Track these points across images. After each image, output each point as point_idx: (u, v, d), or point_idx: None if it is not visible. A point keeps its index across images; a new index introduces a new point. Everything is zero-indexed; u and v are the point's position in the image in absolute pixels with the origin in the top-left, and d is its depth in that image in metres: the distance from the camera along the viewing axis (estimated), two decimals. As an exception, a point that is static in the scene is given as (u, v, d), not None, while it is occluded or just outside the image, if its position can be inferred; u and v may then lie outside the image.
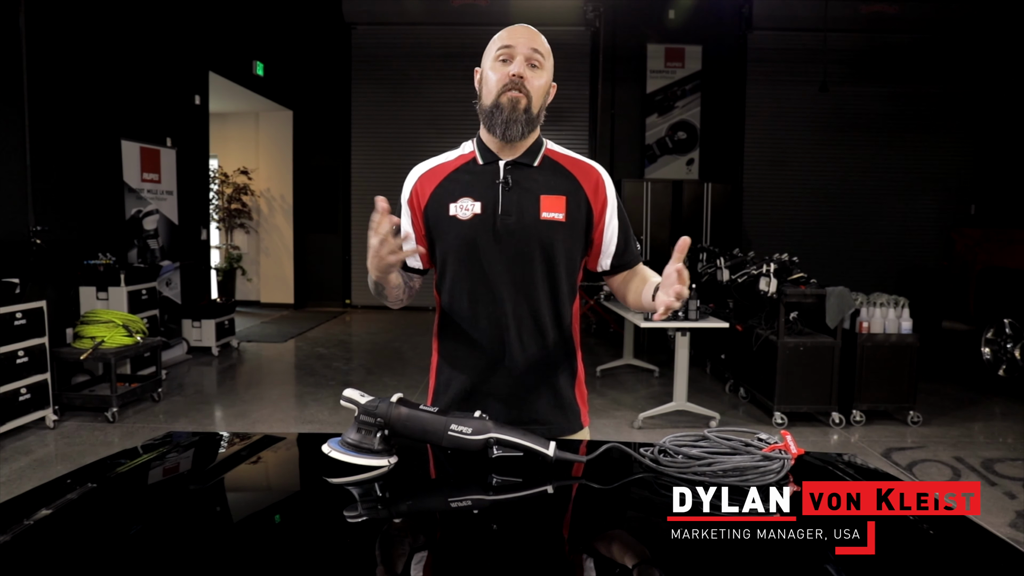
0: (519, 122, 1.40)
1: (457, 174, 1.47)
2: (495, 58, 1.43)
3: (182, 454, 1.28)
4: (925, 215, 9.89)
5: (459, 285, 1.46)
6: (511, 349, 1.45)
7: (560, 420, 1.50)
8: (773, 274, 4.74)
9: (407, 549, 0.88)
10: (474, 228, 1.42)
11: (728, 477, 1.04)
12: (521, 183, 1.44)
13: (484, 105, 1.44)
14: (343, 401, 1.15)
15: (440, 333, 1.54)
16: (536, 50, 1.41)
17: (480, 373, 1.47)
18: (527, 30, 1.44)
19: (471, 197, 1.44)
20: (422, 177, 1.50)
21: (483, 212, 1.43)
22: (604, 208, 1.49)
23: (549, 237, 1.43)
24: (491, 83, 1.42)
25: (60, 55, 4.89)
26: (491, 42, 1.46)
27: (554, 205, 1.43)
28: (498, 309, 1.44)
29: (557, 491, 1.07)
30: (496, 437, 1.11)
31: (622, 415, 4.84)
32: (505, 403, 1.46)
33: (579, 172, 1.48)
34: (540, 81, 1.42)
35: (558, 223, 1.43)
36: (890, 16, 9.42)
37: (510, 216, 1.42)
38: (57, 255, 4.77)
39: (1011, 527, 3.15)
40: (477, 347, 1.46)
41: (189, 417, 4.75)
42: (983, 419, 4.95)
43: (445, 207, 1.45)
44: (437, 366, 1.55)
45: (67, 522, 0.94)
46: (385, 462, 1.11)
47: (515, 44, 1.41)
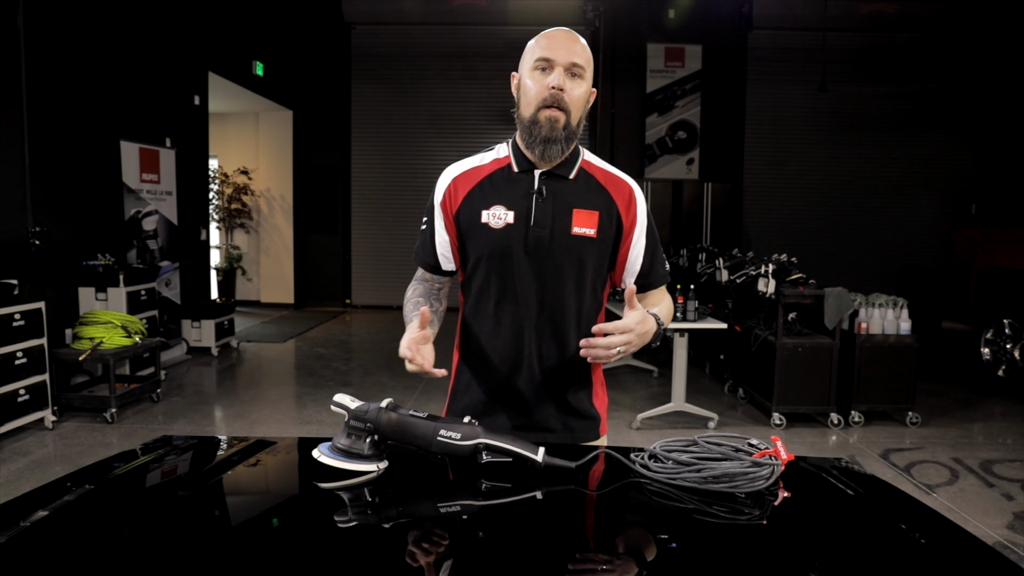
0: (558, 141, 1.37)
1: (491, 179, 1.45)
2: (533, 67, 1.37)
3: (177, 458, 1.28)
4: (925, 215, 9.88)
5: (486, 292, 1.46)
6: (532, 358, 1.45)
7: (577, 429, 1.50)
8: (772, 275, 4.74)
9: (397, 554, 0.88)
10: (505, 238, 1.41)
11: (717, 483, 1.04)
12: (556, 195, 1.42)
13: (523, 116, 1.40)
14: (333, 406, 1.15)
15: (462, 335, 1.54)
16: (576, 63, 1.36)
17: (500, 379, 1.47)
18: (567, 38, 1.38)
19: (504, 205, 1.42)
20: (456, 179, 1.48)
21: (515, 222, 1.41)
22: (633, 226, 1.46)
23: (579, 252, 1.42)
24: (530, 95, 1.37)
25: (59, 55, 4.89)
26: (529, 47, 1.41)
27: (587, 220, 1.42)
28: (522, 318, 1.43)
29: (546, 497, 1.07)
30: (485, 442, 1.11)
31: (620, 416, 4.84)
32: (522, 410, 1.47)
33: (613, 187, 1.46)
34: (580, 91, 1.38)
35: (589, 238, 1.42)
36: (890, 15, 9.41)
37: (542, 228, 1.40)
38: (56, 256, 4.78)
39: (1008, 529, 3.14)
40: (498, 353, 1.46)
41: (188, 418, 4.75)
42: (982, 420, 4.95)
43: (478, 213, 1.43)
44: (457, 367, 1.56)
45: (64, 524, 0.94)
46: (375, 467, 1.11)
47: (554, 56, 1.35)
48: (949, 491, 3.60)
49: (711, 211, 9.25)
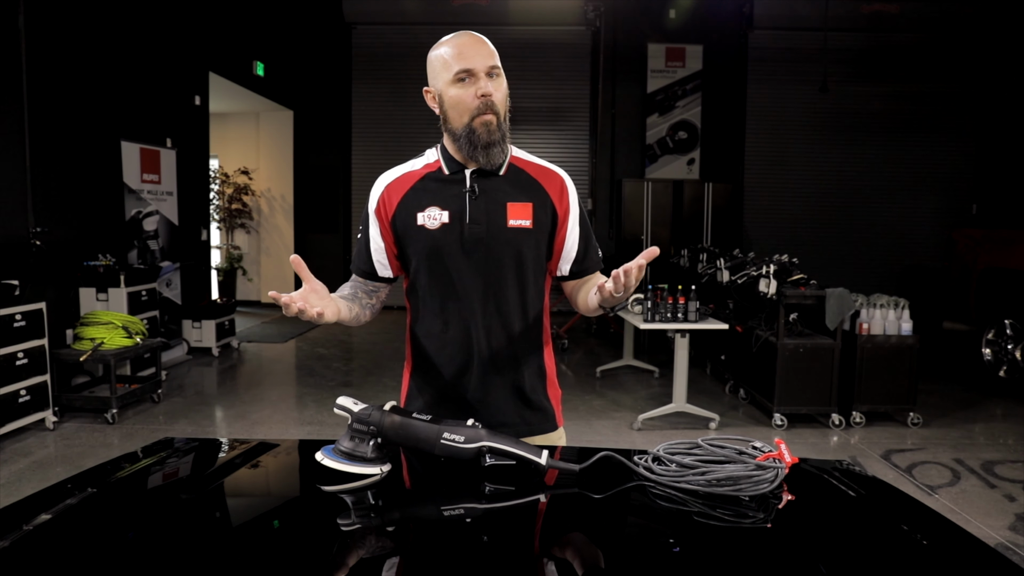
0: (498, 143, 1.41)
1: (423, 183, 1.48)
2: (454, 79, 1.38)
3: (179, 460, 1.28)
4: (926, 215, 9.87)
5: (429, 293, 1.48)
6: (481, 354, 1.46)
7: (533, 421, 1.52)
8: (773, 275, 4.74)
9: (399, 557, 0.88)
10: (442, 237, 1.44)
11: (721, 487, 1.04)
12: (487, 191, 1.45)
13: (455, 128, 1.41)
14: (336, 409, 1.15)
15: (412, 339, 1.56)
16: (493, 65, 1.38)
17: (451, 378, 1.49)
18: (478, 43, 1.39)
19: (438, 206, 1.45)
20: (388, 187, 1.51)
21: (451, 221, 1.44)
22: (567, 214, 1.50)
23: (517, 244, 1.45)
24: (460, 107, 1.39)
25: (60, 55, 4.89)
26: (441, 59, 1.40)
27: (521, 212, 1.45)
28: (467, 316, 1.45)
29: (550, 500, 1.07)
30: (489, 445, 1.11)
31: (621, 416, 4.84)
32: (476, 407, 1.47)
33: (544, 178, 1.49)
34: (502, 90, 1.41)
35: (526, 230, 1.45)
36: (891, 15, 9.41)
37: (478, 224, 1.43)
38: (57, 256, 4.78)
39: (1010, 530, 3.14)
40: (447, 353, 1.48)
41: (189, 418, 4.75)
42: (983, 421, 4.94)
43: (413, 216, 1.46)
44: (410, 372, 1.58)
45: (66, 528, 0.94)
46: (378, 470, 1.11)
47: (473, 65, 1.36)
48: (951, 492, 3.60)
49: (712, 211, 9.24)
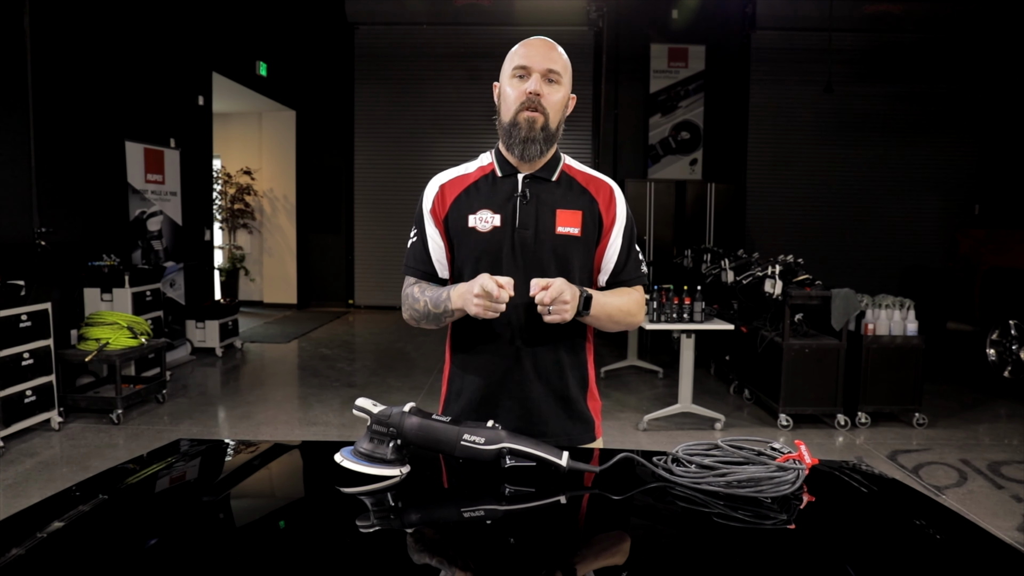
0: (537, 141, 1.42)
1: (477, 185, 1.50)
2: (512, 75, 1.43)
3: (189, 463, 1.27)
4: (930, 215, 9.87)
5: None
6: (524, 360, 1.46)
7: (573, 431, 1.51)
8: (778, 276, 4.73)
9: (421, 559, 0.88)
10: (493, 240, 1.45)
11: (742, 488, 1.04)
12: (539, 196, 1.46)
13: (503, 122, 1.45)
14: (355, 410, 1.15)
15: (453, 341, 1.55)
16: (552, 69, 1.41)
17: (492, 383, 1.48)
18: (544, 45, 1.44)
19: (490, 209, 1.46)
20: (443, 187, 1.52)
21: (502, 225, 1.45)
22: (613, 224, 1.51)
23: (565, 250, 1.45)
24: (509, 100, 1.43)
25: (64, 56, 4.89)
26: (508, 56, 1.46)
27: (570, 219, 1.46)
28: (513, 320, 1.44)
29: (570, 501, 1.06)
30: (509, 447, 1.11)
31: (627, 417, 4.83)
32: (517, 413, 1.46)
33: (594, 188, 1.51)
34: (557, 96, 1.43)
35: (574, 237, 1.46)
36: (894, 16, 9.40)
37: (527, 229, 1.44)
38: (61, 257, 4.78)
39: (1019, 531, 3.14)
40: (490, 357, 1.47)
41: (193, 419, 4.75)
42: (988, 421, 4.93)
43: (465, 218, 1.47)
44: (450, 374, 1.56)
45: (80, 535, 0.94)
46: (397, 472, 1.10)
47: (531, 64, 1.41)
48: (958, 493, 3.59)
49: (714, 212, 9.24)
